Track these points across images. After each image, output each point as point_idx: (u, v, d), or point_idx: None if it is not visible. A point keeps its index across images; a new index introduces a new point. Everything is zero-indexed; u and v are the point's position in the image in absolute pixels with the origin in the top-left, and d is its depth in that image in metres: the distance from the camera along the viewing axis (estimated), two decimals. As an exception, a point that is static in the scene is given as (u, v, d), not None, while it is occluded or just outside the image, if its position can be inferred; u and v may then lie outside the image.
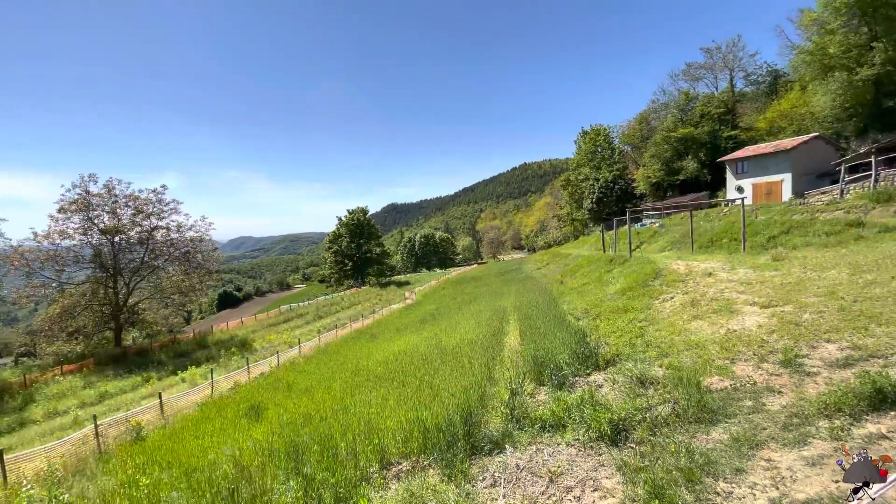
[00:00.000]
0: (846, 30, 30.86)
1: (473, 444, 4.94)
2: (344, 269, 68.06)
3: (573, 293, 16.42)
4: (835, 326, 6.01)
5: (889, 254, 9.34)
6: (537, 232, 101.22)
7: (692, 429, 4.23)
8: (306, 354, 19.47)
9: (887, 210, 17.73)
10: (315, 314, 41.20)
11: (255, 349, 27.60)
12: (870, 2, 29.29)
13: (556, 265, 32.73)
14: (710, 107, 45.85)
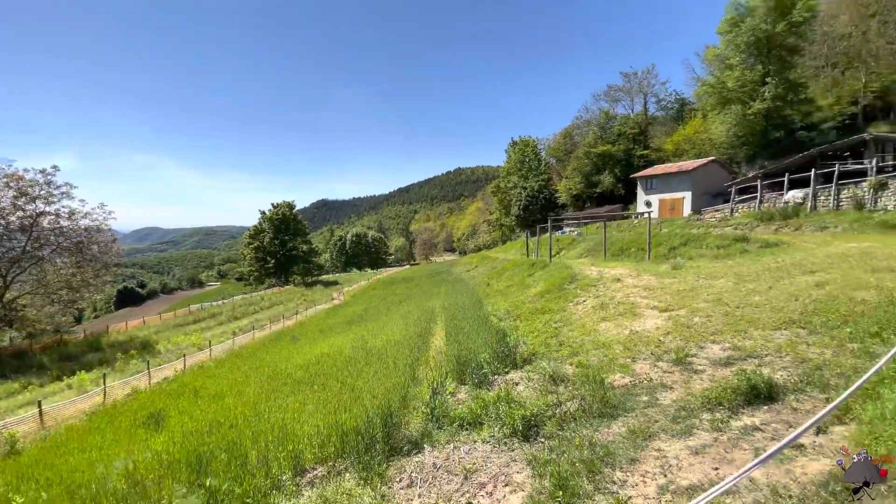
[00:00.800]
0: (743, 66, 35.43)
1: (392, 446, 4.90)
2: (265, 266, 64.12)
3: (498, 295, 16.99)
4: (720, 329, 6.82)
5: (768, 266, 10.82)
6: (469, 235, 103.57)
7: (596, 423, 4.55)
8: (218, 358, 18.05)
9: (768, 228, 20.62)
10: (230, 314, 38.37)
11: (158, 352, 25.03)
12: (765, 42, 33.90)
13: (484, 268, 33.67)
14: (626, 127, 50.16)
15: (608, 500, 3.27)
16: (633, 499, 3.25)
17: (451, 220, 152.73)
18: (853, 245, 12.43)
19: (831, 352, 5.26)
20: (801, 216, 20.53)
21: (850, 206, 19.86)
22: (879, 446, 3.11)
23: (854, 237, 15.08)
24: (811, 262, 10.39)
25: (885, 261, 9.23)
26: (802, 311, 6.81)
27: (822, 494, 2.83)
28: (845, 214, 18.87)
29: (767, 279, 9.36)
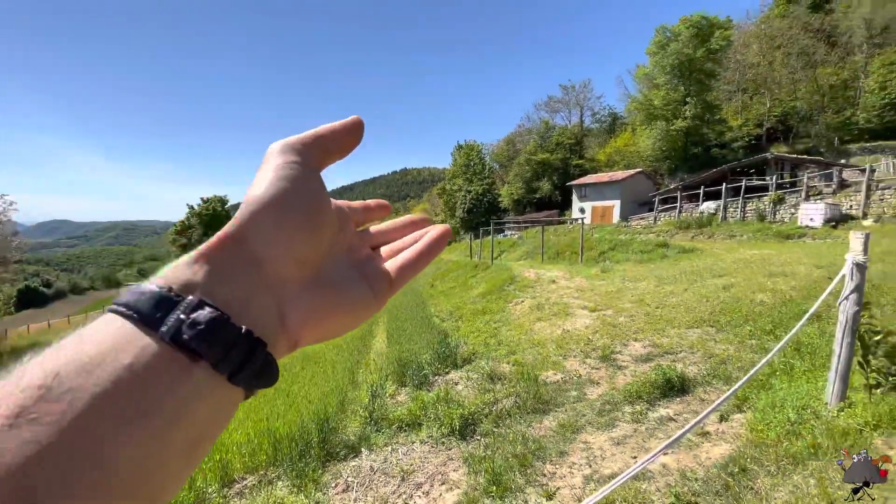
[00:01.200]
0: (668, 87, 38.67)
1: (329, 451, 4.78)
2: (194, 265, 59.83)
3: (441, 296, 17.14)
4: (641, 328, 7.37)
5: (684, 270, 11.84)
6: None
7: (529, 418, 4.74)
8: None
9: (686, 235, 22.59)
10: (153, 317, 35.38)
11: (63, 359, 22.46)
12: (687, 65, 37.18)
13: (428, 268, 33.77)
14: (564, 137, 52.79)
15: (538, 492, 3.42)
16: (560, 489, 3.43)
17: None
18: (755, 252, 13.98)
19: (734, 347, 5.88)
20: (714, 225, 22.77)
21: (753, 218, 22.32)
22: (770, 431, 3.52)
23: (756, 245, 16.97)
24: (720, 266, 11.55)
25: (781, 266, 10.48)
26: (712, 311, 7.55)
27: (723, 476, 3.16)
28: (750, 224, 21.18)
29: (683, 282, 10.26)
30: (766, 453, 3.25)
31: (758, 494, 2.86)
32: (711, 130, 39.27)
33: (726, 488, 3.00)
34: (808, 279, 8.75)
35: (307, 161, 0.35)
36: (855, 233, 3.13)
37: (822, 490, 2.65)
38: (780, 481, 2.92)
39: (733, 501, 2.85)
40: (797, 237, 17.55)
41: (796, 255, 12.50)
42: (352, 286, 0.38)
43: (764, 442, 3.41)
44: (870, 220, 17.24)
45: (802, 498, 2.65)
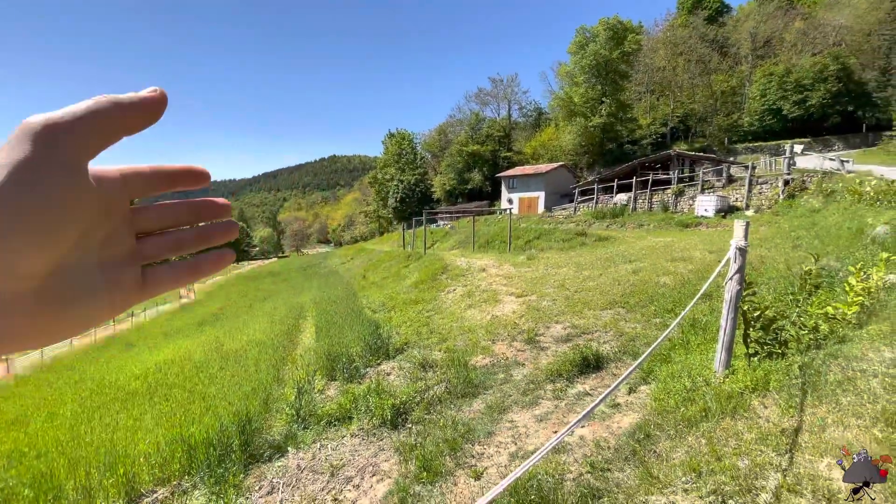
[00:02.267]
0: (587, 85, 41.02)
1: (251, 454, 4.53)
2: (91, 260, 53.02)
3: (373, 287, 16.89)
4: (562, 311, 7.84)
5: (601, 257, 12.74)
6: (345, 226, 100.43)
7: (459, 403, 4.86)
8: (20, 375, 14.42)
9: (602, 224, 24.31)
10: (39, 319, 30.86)
11: (-83, 374, 18.87)
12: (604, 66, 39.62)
13: (360, 260, 33.07)
14: (494, 130, 54.13)
15: (467, 474, 3.52)
16: (488, 469, 3.56)
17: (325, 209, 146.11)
18: (660, 239, 15.46)
19: (641, 326, 6.48)
20: (626, 215, 24.79)
21: (659, 208, 24.63)
22: (670, 399, 3.93)
23: (661, 233, 18.77)
24: (631, 253, 12.62)
25: (681, 252, 11.69)
26: (623, 293, 8.24)
27: (631, 443, 3.47)
28: (656, 215, 23.36)
29: (599, 267, 11.08)
30: (666, 419, 3.63)
31: (660, 457, 3.19)
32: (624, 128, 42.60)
33: (634, 453, 3.31)
34: (702, 263, 9.86)
35: (60, 150, 0.28)
36: (738, 221, 3.57)
37: (711, 448, 3.02)
38: (677, 443, 3.28)
39: (639, 464, 3.15)
40: (694, 226, 19.72)
41: (693, 241, 14.04)
42: (83, 299, 0.31)
43: (665, 409, 3.80)
44: (751, 211, 19.85)
45: (695, 456, 3.00)
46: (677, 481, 2.81)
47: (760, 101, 40.67)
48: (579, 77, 41.29)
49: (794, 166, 19.99)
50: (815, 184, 17.69)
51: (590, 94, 40.49)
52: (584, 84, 40.87)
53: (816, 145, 36.88)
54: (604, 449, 3.50)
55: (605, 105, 39.75)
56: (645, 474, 2.98)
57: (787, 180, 18.87)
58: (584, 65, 40.12)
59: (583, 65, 40.24)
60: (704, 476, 2.75)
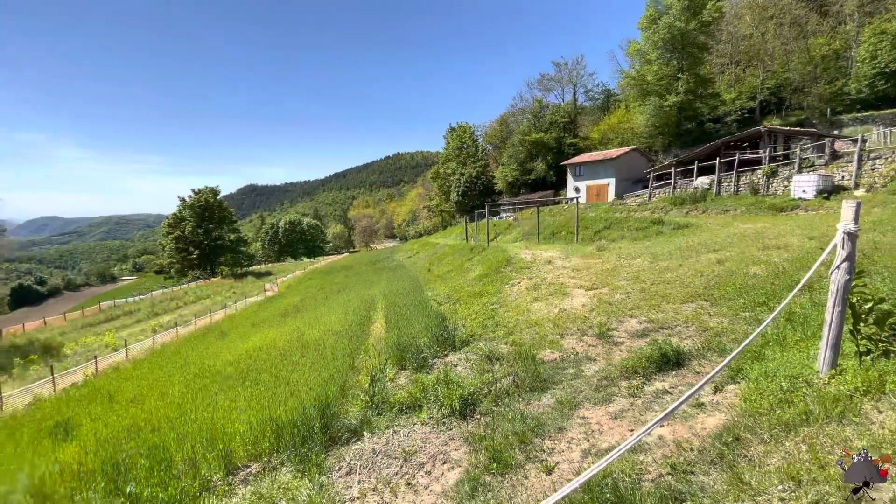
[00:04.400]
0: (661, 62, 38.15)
1: (331, 436, 4.85)
2: (188, 257, 59.47)
3: (438, 280, 17.18)
4: (637, 304, 7.43)
5: (679, 246, 11.89)
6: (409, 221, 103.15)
7: (527, 396, 4.81)
8: (136, 358, 16.60)
9: (681, 211, 22.62)
10: (150, 311, 35.30)
11: (64, 355, 22.52)
12: (680, 39, 36.64)
13: (425, 254, 33.79)
14: (558, 116, 52.20)
15: (538, 468, 3.49)
16: (559, 464, 3.50)
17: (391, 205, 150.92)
18: (749, 226, 14.05)
19: (728, 320, 5.95)
20: (708, 200, 22.79)
21: (747, 191, 22.34)
22: (763, 401, 3.58)
23: (750, 219, 17.04)
24: (715, 241, 11.61)
25: (774, 239, 10.54)
26: (706, 285, 7.62)
27: (717, 445, 3.22)
28: (744, 198, 21.22)
29: (678, 258, 10.32)
30: (759, 422, 3.31)
31: (751, 462, 2.93)
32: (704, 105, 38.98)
33: (721, 457, 3.07)
34: (800, 250, 8.82)
35: None
36: (847, 202, 3.14)
37: (813, 455, 2.72)
38: (772, 448, 2.99)
39: (728, 469, 2.92)
40: (790, 209, 17.63)
41: (789, 227, 12.58)
42: None
43: (757, 411, 3.47)
44: (861, 191, 17.32)
45: (794, 463, 2.72)
46: (772, 489, 2.56)
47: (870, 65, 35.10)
48: (652, 53, 38.40)
49: (919, 136, 17.09)
50: (948, 155, 14.98)
51: (664, 71, 37.52)
52: (658, 60, 37.94)
53: (949, 110, 31.20)
54: (686, 450, 3.29)
55: (682, 81, 36.61)
56: (734, 479, 2.76)
57: (911, 153, 16.18)
58: (656, 40, 37.21)
59: (655, 40, 37.33)
60: (805, 485, 2.49)
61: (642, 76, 39.43)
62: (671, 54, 37.80)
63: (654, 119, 39.11)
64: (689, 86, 36.76)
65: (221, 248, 61.33)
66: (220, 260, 61.80)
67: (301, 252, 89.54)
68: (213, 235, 60.19)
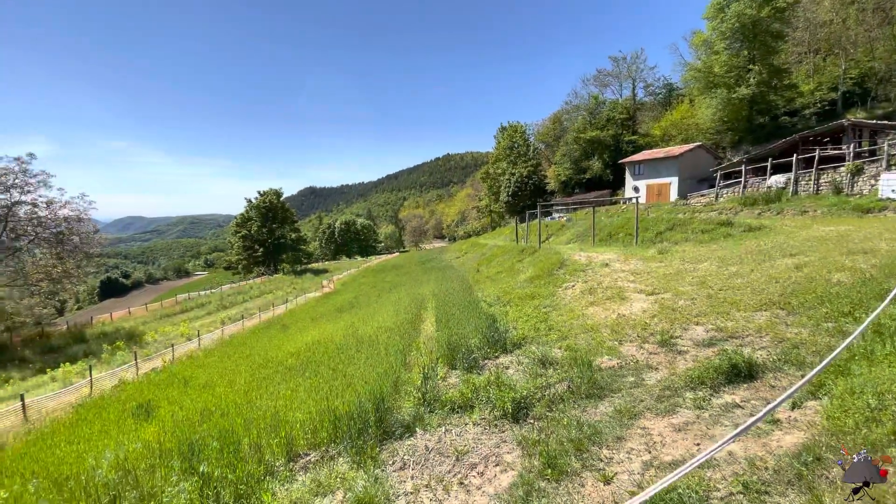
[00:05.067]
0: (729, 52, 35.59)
1: (385, 430, 4.99)
2: (254, 255, 63.50)
3: (487, 281, 17.11)
4: (703, 311, 7.00)
5: (750, 250, 11.06)
6: (458, 222, 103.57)
7: (583, 403, 4.68)
8: (207, 347, 17.97)
9: (752, 212, 20.99)
10: (219, 304, 38.06)
11: (145, 342, 24.82)
12: (751, 28, 34.03)
13: (473, 254, 33.80)
14: (615, 112, 50.18)
15: (595, 476, 3.39)
16: (618, 475, 3.38)
17: (440, 206, 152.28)
18: (831, 228, 12.75)
19: (808, 331, 5.45)
20: (783, 200, 20.93)
21: (828, 191, 20.29)
22: (848, 419, 3.26)
23: (832, 221, 15.45)
24: (791, 245, 10.65)
25: (860, 243, 9.51)
26: (782, 292, 7.01)
27: (796, 465, 2.97)
28: (824, 198, 19.28)
29: (749, 262, 9.58)
30: (843, 441, 3.02)
31: (833, 484, 2.68)
32: (779, 97, 35.77)
33: (799, 477, 2.83)
34: (890, 256, 7.89)
35: None
36: (960, 203, 2.78)
37: (913, 484, 2.43)
38: (863, 474, 2.70)
39: (807, 491, 2.69)
40: (878, 210, 15.77)
41: (877, 229, 11.27)
42: None
43: (841, 430, 3.16)
44: (974, 189, 15.14)
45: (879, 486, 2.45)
46: (864, 520, 2.33)
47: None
48: (719, 44, 35.81)
49: None
50: None
51: (733, 62, 34.85)
52: (727, 51, 35.33)
53: None
54: (760, 469, 3.06)
55: (754, 72, 33.82)
56: (814, 501, 2.54)
57: None
58: (724, 29, 34.63)
59: (723, 29, 34.75)
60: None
61: (709, 68, 36.88)
62: (741, 44, 35.09)
63: (721, 113, 36.49)
64: (762, 77, 33.91)
65: (283, 246, 64.92)
66: (282, 257, 65.41)
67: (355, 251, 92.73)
68: (276, 234, 63.86)
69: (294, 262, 65.46)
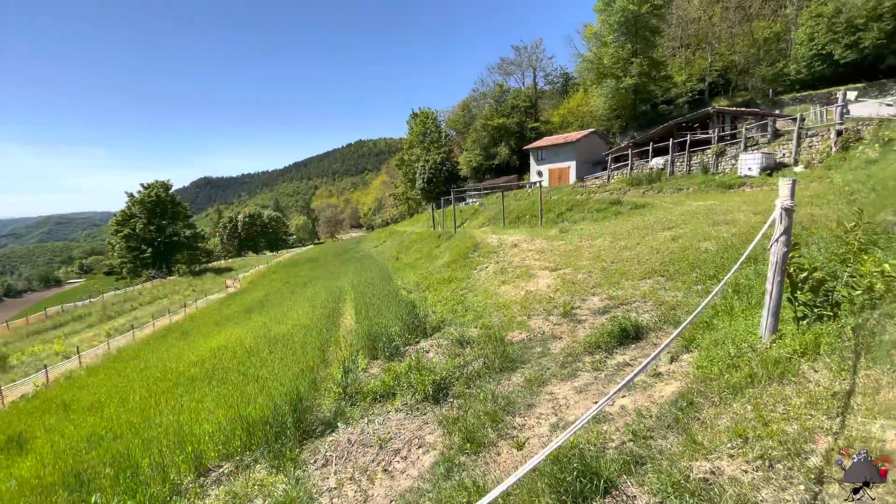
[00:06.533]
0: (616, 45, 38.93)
1: (304, 430, 4.82)
2: (141, 256, 56.47)
3: (407, 268, 17.16)
4: (598, 283, 7.73)
5: (636, 225, 12.37)
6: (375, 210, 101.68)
7: (498, 377, 4.95)
8: (91, 365, 15.75)
9: (638, 191, 23.47)
10: (102, 314, 33.40)
11: (10, 366, 21.04)
12: (633, 22, 37.45)
13: (392, 242, 33.57)
14: (519, 100, 52.57)
15: (509, 444, 3.63)
16: (530, 439, 3.65)
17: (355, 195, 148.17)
18: (701, 203, 14.80)
19: (682, 294, 6.31)
20: (663, 180, 23.75)
21: (698, 171, 23.44)
22: (713, 367, 3.85)
23: (702, 196, 17.93)
24: (669, 219, 12.17)
25: (723, 215, 11.17)
26: (661, 261, 8.01)
27: (673, 410, 3.45)
28: (696, 177, 22.25)
29: (636, 236, 10.77)
30: (710, 387, 3.57)
31: (703, 424, 3.17)
32: (658, 87, 40.32)
33: (676, 421, 3.29)
34: (747, 225, 9.40)
35: None
36: (783, 179, 3.38)
37: (757, 414, 2.97)
38: (722, 410, 3.24)
39: (683, 432, 3.14)
40: (738, 186, 18.67)
41: (737, 203, 13.34)
42: None
43: (708, 377, 3.73)
44: (801, 167, 18.54)
45: (741, 422, 2.96)
46: (722, 447, 2.79)
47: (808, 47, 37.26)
48: (608, 36, 39.18)
49: (847, 115, 18.40)
50: (871, 132, 16.24)
51: (620, 54, 38.42)
52: (613, 43, 38.78)
53: (872, 90, 33.57)
54: (646, 417, 3.50)
55: (637, 64, 37.63)
56: (689, 441, 2.98)
57: (840, 131, 17.43)
58: (612, 23, 37.97)
59: (611, 23, 38.09)
60: (751, 441, 2.72)
61: (599, 59, 40.20)
62: (626, 37, 38.67)
63: (611, 102, 40.13)
64: (643, 68, 37.82)
65: (177, 244, 58.55)
66: (176, 257, 59.02)
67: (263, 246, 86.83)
68: (166, 232, 57.30)
69: (191, 262, 59.50)
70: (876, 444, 2.28)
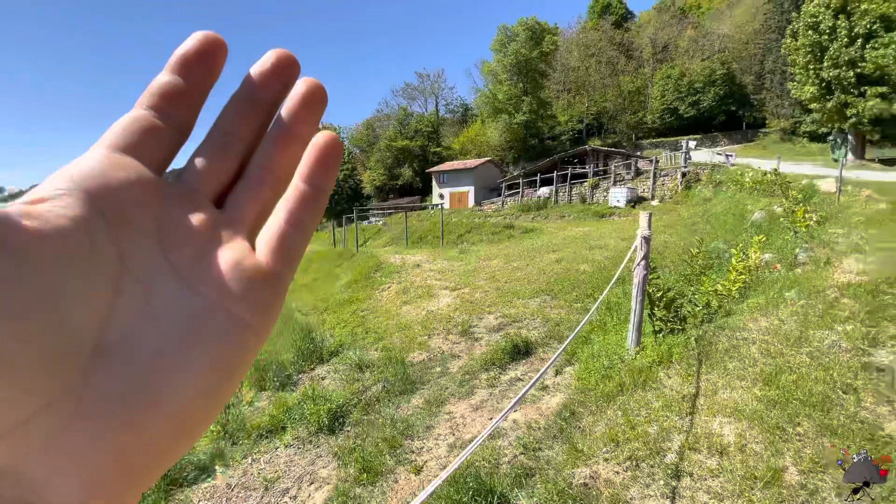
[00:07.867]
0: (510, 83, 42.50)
1: (172, 478, 4.18)
2: None
3: (304, 289, 16.20)
4: (494, 301, 8.13)
5: (527, 248, 13.35)
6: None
7: (397, 400, 4.88)
8: None
9: (528, 217, 25.41)
10: None
11: None
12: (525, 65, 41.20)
13: (286, 262, 31.45)
14: (422, 125, 54.20)
15: (407, 469, 3.56)
16: (428, 462, 3.63)
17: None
18: (580, 229, 16.57)
19: (565, 311, 6.93)
20: (549, 207, 26.19)
21: (578, 200, 26.32)
22: (591, 378, 4.26)
23: (580, 224, 20.10)
24: (554, 243, 13.40)
25: (598, 240, 12.62)
26: (548, 281, 8.74)
27: (558, 421, 3.73)
28: (575, 206, 24.94)
29: (526, 258, 11.64)
30: (588, 396, 3.94)
31: (583, 431, 3.47)
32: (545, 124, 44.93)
33: (561, 431, 3.56)
34: (616, 250, 10.75)
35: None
36: (642, 213, 3.96)
37: (626, 419, 3.35)
38: (598, 417, 3.59)
39: (566, 441, 3.40)
40: (609, 215, 21.38)
41: (608, 230, 15.22)
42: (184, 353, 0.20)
43: (587, 387, 4.12)
44: (656, 201, 21.96)
45: (613, 427, 3.31)
46: (599, 452, 3.08)
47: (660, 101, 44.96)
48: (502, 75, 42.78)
49: (689, 160, 22.40)
50: (707, 175, 19.99)
51: (513, 92, 42.12)
52: (507, 82, 42.45)
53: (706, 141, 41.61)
54: (535, 430, 3.72)
55: (527, 102, 41.56)
56: (571, 449, 3.23)
57: (685, 172, 21.12)
58: (506, 63, 41.62)
59: (505, 63, 41.73)
60: (621, 445, 3.05)
61: (495, 95, 43.54)
62: (518, 77, 42.56)
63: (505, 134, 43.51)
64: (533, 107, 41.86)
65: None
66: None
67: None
68: None
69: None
70: (716, 438, 2.71)
